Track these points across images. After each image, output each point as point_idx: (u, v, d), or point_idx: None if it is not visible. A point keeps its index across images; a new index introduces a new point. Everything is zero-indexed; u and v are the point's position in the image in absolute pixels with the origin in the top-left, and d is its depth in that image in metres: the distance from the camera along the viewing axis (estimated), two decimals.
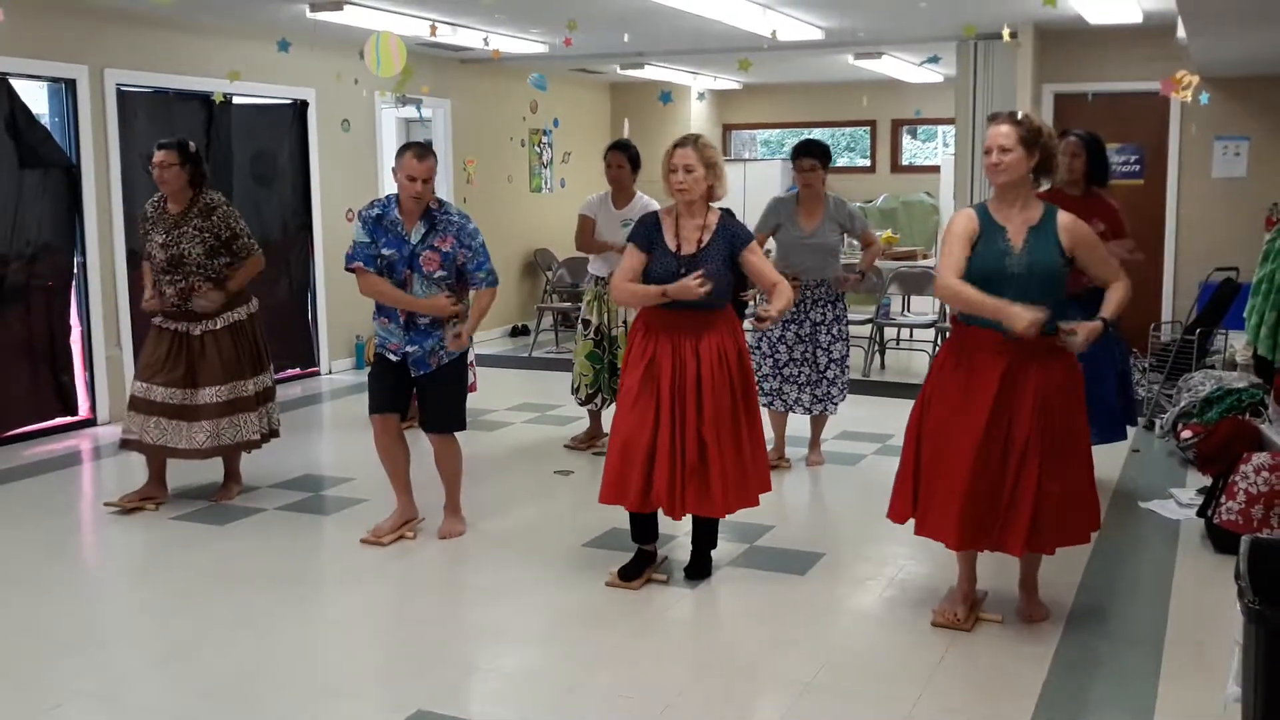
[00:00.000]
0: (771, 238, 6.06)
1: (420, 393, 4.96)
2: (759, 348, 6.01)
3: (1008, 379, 3.80)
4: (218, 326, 5.43)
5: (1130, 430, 5.83)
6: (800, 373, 6.04)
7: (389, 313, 4.86)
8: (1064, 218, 3.85)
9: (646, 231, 4.35)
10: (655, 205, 5.80)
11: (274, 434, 5.73)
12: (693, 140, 4.30)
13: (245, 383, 5.49)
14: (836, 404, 6.13)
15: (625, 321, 6.16)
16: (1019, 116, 3.82)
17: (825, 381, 6.05)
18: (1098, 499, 4.01)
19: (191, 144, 5.48)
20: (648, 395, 4.27)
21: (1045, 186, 3.95)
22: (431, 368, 4.88)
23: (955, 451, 3.85)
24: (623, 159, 6.33)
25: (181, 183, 5.37)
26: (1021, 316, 3.61)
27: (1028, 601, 4.10)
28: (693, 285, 4.10)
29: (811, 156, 5.84)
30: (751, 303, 5.64)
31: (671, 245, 4.29)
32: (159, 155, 5.36)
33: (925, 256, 10.53)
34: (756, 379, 5.13)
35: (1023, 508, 3.80)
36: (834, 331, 6.02)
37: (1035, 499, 3.79)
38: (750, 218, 6.07)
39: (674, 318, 4.26)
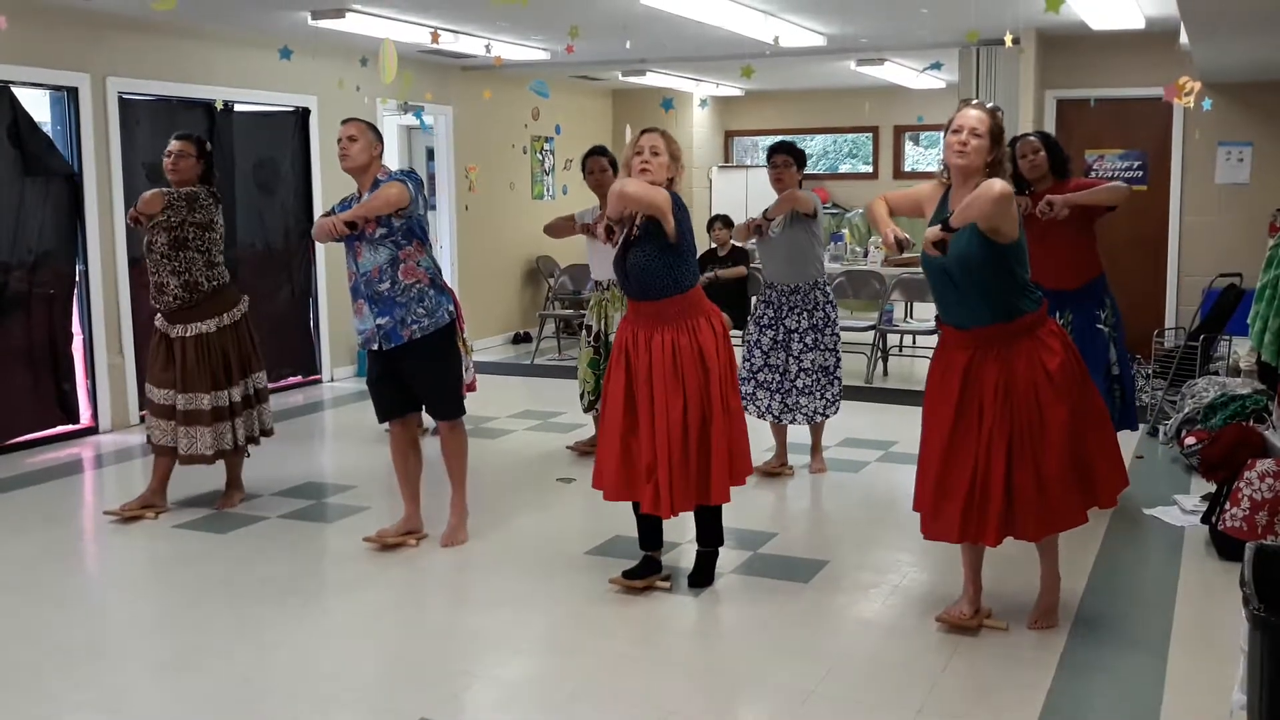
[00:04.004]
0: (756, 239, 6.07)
1: (410, 381, 4.88)
2: (740, 349, 5.99)
3: (970, 371, 3.83)
4: (187, 335, 5.38)
5: (1128, 434, 5.80)
6: (771, 379, 6.00)
7: (355, 291, 4.81)
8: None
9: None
10: None
11: (222, 453, 5.48)
12: (661, 130, 4.38)
13: (201, 396, 5.37)
14: (810, 416, 6.02)
15: None
16: (993, 108, 3.85)
17: (795, 391, 5.99)
18: (1078, 488, 3.85)
19: (208, 143, 5.50)
20: (618, 383, 4.34)
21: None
22: (404, 339, 4.77)
23: (930, 444, 3.94)
24: (605, 163, 6.34)
25: (193, 175, 5.37)
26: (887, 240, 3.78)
27: (1044, 596, 4.05)
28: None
29: (783, 153, 5.87)
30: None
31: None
32: (176, 145, 5.35)
33: None
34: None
35: (993, 497, 3.80)
36: (806, 341, 5.94)
37: (1004, 488, 3.79)
38: None
39: (632, 307, 4.37)
